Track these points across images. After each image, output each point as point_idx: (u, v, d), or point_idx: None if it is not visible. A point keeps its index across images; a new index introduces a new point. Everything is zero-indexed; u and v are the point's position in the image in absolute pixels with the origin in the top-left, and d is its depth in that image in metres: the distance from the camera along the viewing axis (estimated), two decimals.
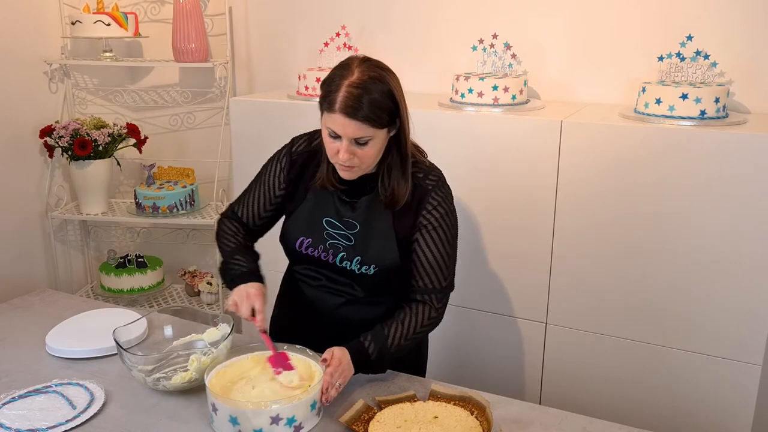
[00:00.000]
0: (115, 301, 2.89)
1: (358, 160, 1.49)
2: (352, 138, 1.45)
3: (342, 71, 1.46)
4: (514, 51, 2.38)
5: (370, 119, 1.43)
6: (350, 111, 1.42)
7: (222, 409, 1.36)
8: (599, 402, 2.15)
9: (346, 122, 1.43)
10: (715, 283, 1.93)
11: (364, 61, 1.48)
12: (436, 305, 1.60)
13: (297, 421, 1.37)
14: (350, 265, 1.58)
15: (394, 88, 1.47)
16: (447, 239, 1.59)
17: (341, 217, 1.60)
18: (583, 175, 2.03)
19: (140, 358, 1.54)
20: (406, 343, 1.56)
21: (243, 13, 2.90)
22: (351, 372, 1.50)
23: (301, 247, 1.62)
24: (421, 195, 1.57)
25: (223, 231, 1.72)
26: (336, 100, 1.43)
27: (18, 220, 2.79)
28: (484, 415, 1.41)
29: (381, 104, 1.43)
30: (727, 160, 1.85)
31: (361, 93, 1.42)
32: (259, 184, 1.71)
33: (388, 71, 1.49)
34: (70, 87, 2.95)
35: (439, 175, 1.61)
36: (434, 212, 1.57)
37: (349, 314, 1.63)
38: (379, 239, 1.57)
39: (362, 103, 1.41)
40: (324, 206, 1.61)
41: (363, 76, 1.43)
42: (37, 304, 2.00)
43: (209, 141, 3.04)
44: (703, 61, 2.08)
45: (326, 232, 1.60)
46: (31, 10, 2.74)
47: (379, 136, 1.47)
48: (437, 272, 1.58)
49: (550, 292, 2.16)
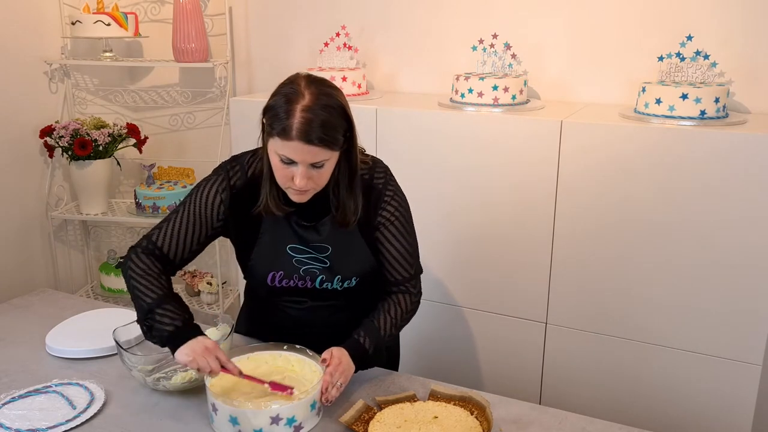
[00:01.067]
0: (115, 301, 2.89)
1: (314, 183, 1.45)
2: (309, 163, 1.40)
3: (290, 95, 1.39)
4: (514, 51, 2.38)
5: (328, 142, 1.38)
6: (307, 137, 1.36)
7: (222, 409, 1.36)
8: (599, 402, 2.15)
9: (304, 148, 1.37)
10: (715, 283, 1.93)
11: (310, 82, 1.42)
12: (413, 290, 1.63)
13: (297, 421, 1.37)
14: (331, 285, 1.57)
15: (344, 104, 1.43)
16: (406, 228, 1.60)
17: (308, 242, 1.55)
18: (583, 174, 2.03)
19: (140, 358, 1.53)
20: (395, 332, 1.61)
21: (243, 13, 2.90)
22: (352, 371, 1.50)
23: (274, 282, 1.57)
24: (376, 195, 1.56)
25: (138, 271, 1.49)
26: (291, 126, 1.36)
27: (18, 220, 2.79)
28: (484, 415, 1.41)
29: (336, 125, 1.40)
30: (727, 160, 1.85)
31: (316, 117, 1.36)
32: (190, 215, 1.55)
33: (335, 88, 1.45)
34: (70, 87, 2.95)
35: (384, 168, 1.60)
36: (389, 207, 1.57)
37: (339, 321, 1.62)
38: (353, 253, 1.57)
39: (319, 128, 1.36)
40: (282, 234, 1.55)
41: (315, 99, 1.38)
42: (37, 304, 1.99)
43: (209, 141, 3.04)
44: (703, 61, 2.08)
45: (295, 260, 1.55)
46: (31, 10, 2.74)
47: (334, 156, 1.45)
48: (405, 262, 1.60)
49: (550, 292, 2.16)
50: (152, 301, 1.45)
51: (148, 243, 1.55)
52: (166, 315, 1.44)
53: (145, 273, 1.49)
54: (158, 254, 1.54)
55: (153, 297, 1.46)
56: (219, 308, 2.95)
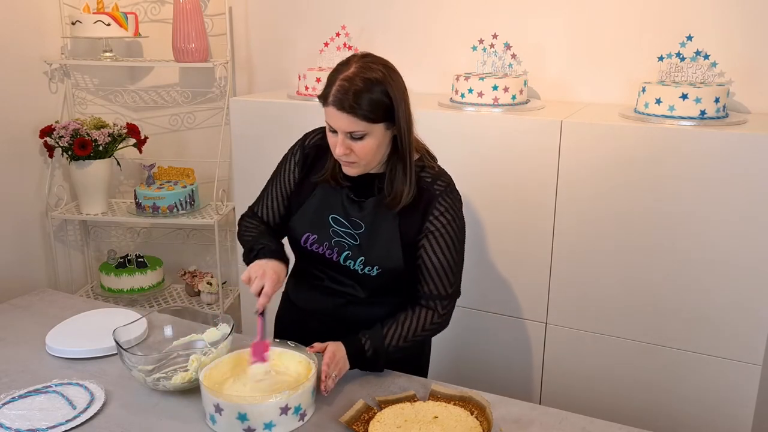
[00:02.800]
0: (115, 301, 2.89)
1: (356, 155, 1.49)
2: (347, 132, 1.46)
3: (341, 66, 1.48)
4: (514, 51, 2.38)
5: (360, 113, 1.43)
6: (340, 104, 1.43)
7: (228, 408, 1.35)
8: (599, 402, 2.15)
9: (338, 115, 1.44)
10: (715, 282, 1.93)
11: (363, 56, 1.49)
12: (441, 311, 1.60)
13: (302, 408, 1.40)
14: (353, 264, 1.58)
15: (389, 84, 1.46)
16: (454, 245, 1.58)
17: (348, 215, 1.59)
18: (583, 174, 2.03)
19: (140, 358, 1.53)
20: (405, 345, 1.57)
21: (243, 13, 2.90)
22: (346, 366, 1.52)
23: (306, 243, 1.61)
24: (428, 200, 1.55)
25: (244, 227, 1.71)
26: (329, 93, 1.45)
27: (18, 220, 2.79)
28: (484, 415, 1.41)
29: (372, 98, 1.43)
30: (727, 160, 1.85)
31: (352, 86, 1.43)
32: (276, 182, 1.70)
33: (388, 68, 1.49)
34: (70, 87, 2.95)
35: (448, 181, 1.60)
36: (441, 218, 1.56)
37: (351, 315, 1.63)
38: (384, 241, 1.56)
39: (352, 96, 1.42)
40: (331, 203, 1.60)
41: (357, 71, 1.44)
42: (37, 304, 1.99)
43: (209, 141, 3.04)
44: (703, 61, 2.08)
45: (332, 230, 1.59)
46: (31, 10, 2.74)
47: (375, 131, 1.47)
48: (443, 278, 1.58)
49: (550, 292, 2.16)
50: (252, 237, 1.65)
51: (249, 211, 1.75)
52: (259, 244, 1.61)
53: (246, 228, 1.70)
54: (257, 219, 1.72)
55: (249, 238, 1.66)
56: (219, 308, 2.95)
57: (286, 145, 1.75)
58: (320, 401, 1.48)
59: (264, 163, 2.33)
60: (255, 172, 2.51)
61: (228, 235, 3.12)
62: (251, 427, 1.35)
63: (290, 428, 1.39)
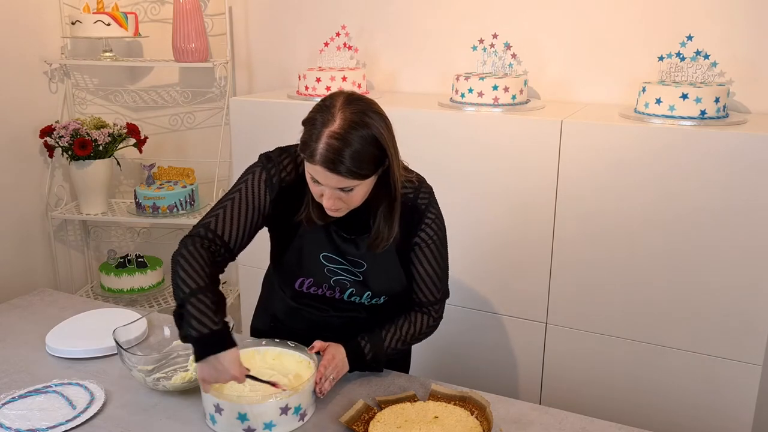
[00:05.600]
0: (115, 301, 2.89)
1: (345, 204, 1.40)
2: (336, 188, 1.36)
3: (323, 115, 1.33)
4: (514, 51, 2.38)
5: (353, 172, 1.31)
6: (331, 165, 1.30)
7: (229, 408, 1.35)
8: (599, 402, 2.15)
9: (328, 175, 1.32)
10: (715, 282, 1.93)
11: (346, 102, 1.34)
12: (435, 315, 1.63)
13: (302, 408, 1.40)
14: (360, 299, 1.57)
15: (378, 132, 1.33)
16: (440, 252, 1.58)
17: (344, 255, 1.53)
18: (583, 174, 2.03)
19: (140, 358, 1.53)
20: (403, 348, 1.61)
21: (243, 13, 2.90)
22: (345, 368, 1.52)
23: (302, 287, 1.56)
24: (418, 217, 1.54)
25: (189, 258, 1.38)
26: (316, 151, 1.30)
27: (18, 220, 2.79)
28: (484, 415, 1.41)
29: (364, 155, 1.31)
30: (727, 160, 1.85)
31: (342, 146, 1.29)
32: (242, 200, 1.48)
33: (373, 112, 1.35)
34: (70, 87, 2.95)
35: (428, 190, 1.56)
36: (428, 230, 1.55)
37: (352, 331, 1.60)
38: (387, 272, 1.55)
39: (344, 157, 1.29)
40: (319, 242, 1.52)
41: (345, 125, 1.30)
42: (37, 304, 1.99)
43: (209, 141, 3.04)
44: (703, 61, 2.08)
45: (327, 269, 1.53)
46: (31, 10, 2.74)
47: (365, 182, 1.37)
48: (434, 285, 1.59)
49: (550, 292, 2.16)
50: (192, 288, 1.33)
51: (206, 231, 1.44)
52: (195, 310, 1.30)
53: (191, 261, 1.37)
54: (216, 241, 1.44)
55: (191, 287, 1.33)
56: None
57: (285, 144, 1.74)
58: (320, 401, 1.48)
59: None
60: None
61: None
62: (251, 427, 1.35)
63: (290, 428, 1.39)
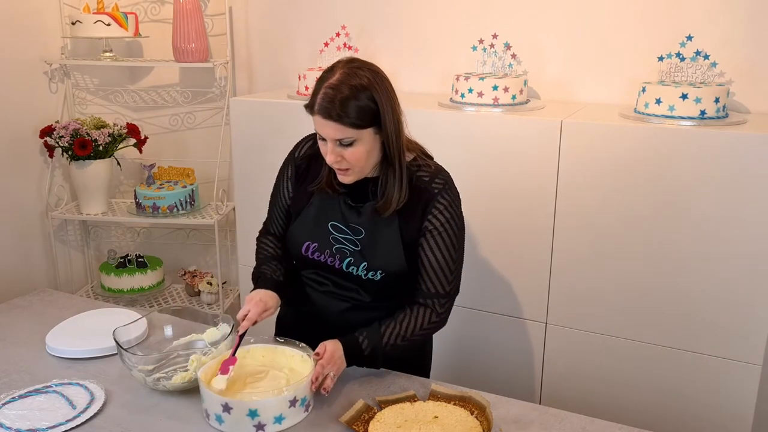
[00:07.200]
0: (115, 301, 2.89)
1: (347, 162, 1.49)
2: (335, 139, 1.46)
3: (326, 74, 1.48)
4: (514, 51, 2.38)
5: (347, 120, 1.43)
6: (326, 112, 1.43)
7: (238, 406, 1.36)
8: (599, 402, 2.15)
9: (325, 123, 1.45)
10: (715, 282, 1.93)
11: (349, 62, 1.48)
12: (439, 310, 1.59)
13: (307, 400, 1.44)
14: (357, 270, 1.58)
15: (375, 89, 1.45)
16: (452, 243, 1.57)
17: (347, 221, 1.59)
18: (583, 174, 2.03)
19: (140, 358, 1.54)
20: (404, 344, 1.57)
21: (243, 13, 2.90)
22: (343, 364, 1.52)
23: (307, 252, 1.62)
24: (427, 199, 1.55)
25: (257, 249, 1.76)
26: (315, 102, 1.45)
27: (18, 220, 2.79)
28: (484, 415, 1.41)
29: (358, 105, 1.43)
30: (727, 160, 1.85)
31: (336, 94, 1.42)
32: (276, 198, 1.73)
33: (374, 72, 1.48)
34: (70, 87, 2.95)
35: (446, 178, 1.59)
36: (440, 216, 1.55)
37: (355, 318, 1.62)
38: (385, 245, 1.56)
39: (338, 104, 1.42)
40: (329, 210, 1.60)
41: (342, 78, 1.44)
42: (37, 304, 2.00)
43: (209, 141, 3.04)
44: (703, 61, 2.08)
45: (332, 237, 1.60)
46: (31, 10, 2.74)
47: (364, 137, 1.47)
48: (441, 277, 1.57)
49: (550, 292, 2.16)
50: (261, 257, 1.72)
51: (263, 228, 1.80)
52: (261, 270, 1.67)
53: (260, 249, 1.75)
54: (272, 235, 1.76)
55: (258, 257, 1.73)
56: (219, 308, 2.95)
57: (286, 144, 1.75)
58: (320, 401, 1.48)
59: (264, 163, 2.33)
60: (255, 172, 2.51)
61: (228, 235, 3.12)
62: (262, 423, 1.37)
63: (297, 420, 1.41)
